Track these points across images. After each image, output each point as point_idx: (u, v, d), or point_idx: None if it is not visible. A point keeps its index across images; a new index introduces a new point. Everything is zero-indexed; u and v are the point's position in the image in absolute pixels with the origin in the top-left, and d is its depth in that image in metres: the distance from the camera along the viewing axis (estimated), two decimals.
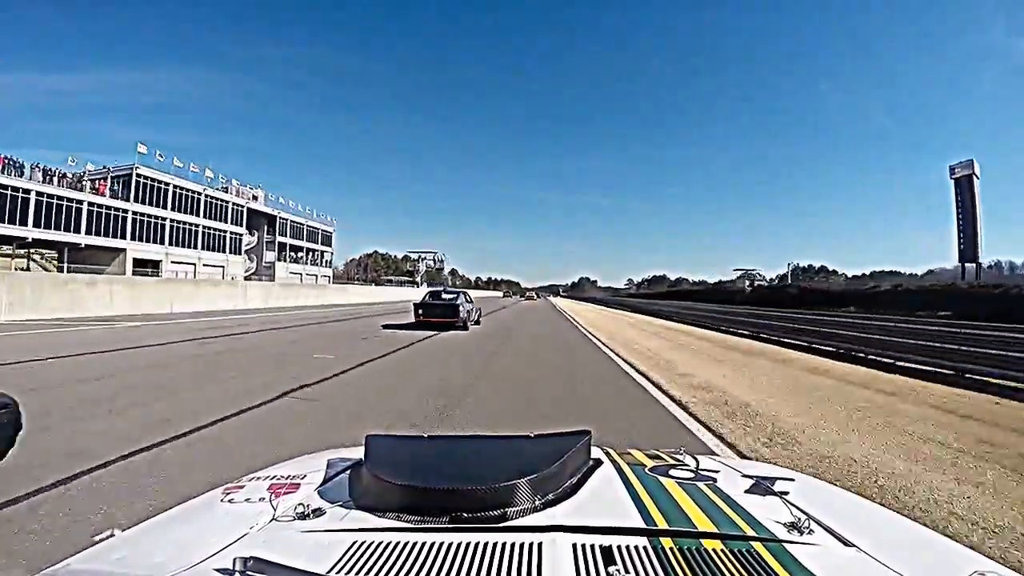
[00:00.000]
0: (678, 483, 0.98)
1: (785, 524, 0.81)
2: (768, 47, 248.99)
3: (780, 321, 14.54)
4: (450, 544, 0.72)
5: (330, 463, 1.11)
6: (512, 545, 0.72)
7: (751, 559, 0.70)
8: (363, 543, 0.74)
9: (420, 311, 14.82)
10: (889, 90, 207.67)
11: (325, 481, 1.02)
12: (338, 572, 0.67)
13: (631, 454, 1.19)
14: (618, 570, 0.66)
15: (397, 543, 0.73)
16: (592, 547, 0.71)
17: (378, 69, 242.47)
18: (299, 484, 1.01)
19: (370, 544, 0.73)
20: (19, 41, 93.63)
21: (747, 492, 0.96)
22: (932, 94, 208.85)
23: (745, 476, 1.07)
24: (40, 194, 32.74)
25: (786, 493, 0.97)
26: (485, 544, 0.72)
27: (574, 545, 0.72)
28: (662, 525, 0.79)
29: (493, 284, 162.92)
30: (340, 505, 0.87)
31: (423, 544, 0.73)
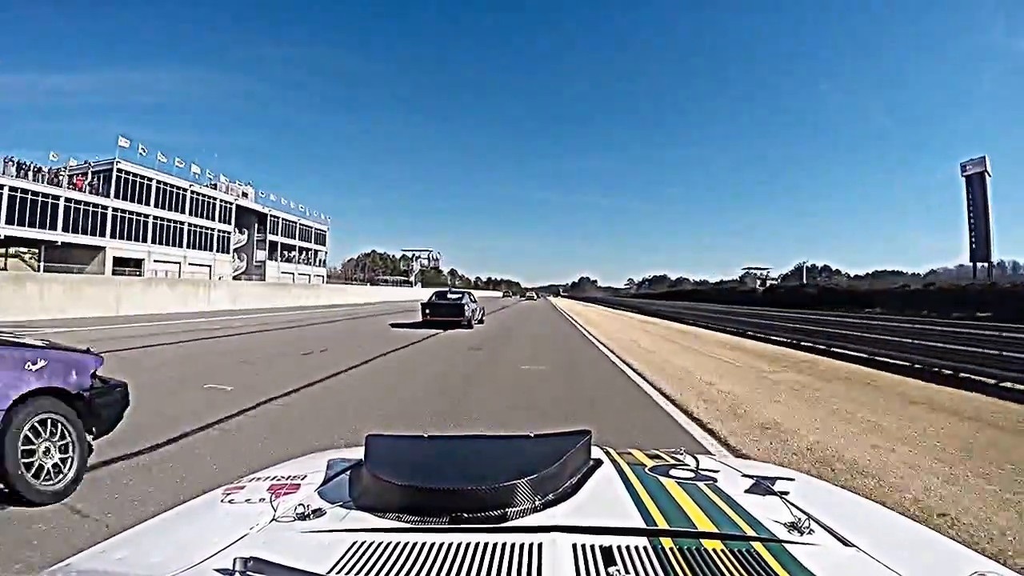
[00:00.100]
0: (678, 483, 0.98)
1: (785, 524, 0.82)
2: (768, 47, 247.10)
3: (819, 325, 12.38)
4: (450, 544, 0.73)
5: (330, 463, 1.12)
6: (512, 545, 0.73)
7: (751, 559, 0.71)
8: (363, 543, 0.75)
9: (427, 310, 15.38)
10: (889, 90, 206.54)
11: (325, 481, 1.03)
12: (338, 572, 0.68)
13: (631, 454, 1.19)
14: (618, 570, 0.67)
15: (397, 543, 0.74)
16: (592, 547, 0.72)
17: (378, 69, 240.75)
18: (299, 484, 1.01)
19: (370, 544, 0.74)
20: (19, 41, 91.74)
21: (747, 492, 0.97)
22: (932, 94, 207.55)
23: (745, 476, 1.08)
24: (13, 189, 30.78)
25: (786, 493, 0.98)
26: (485, 544, 0.73)
27: (574, 545, 0.72)
28: (662, 525, 0.80)
29: (493, 284, 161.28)
30: (340, 505, 0.88)
31: (423, 544, 0.74)
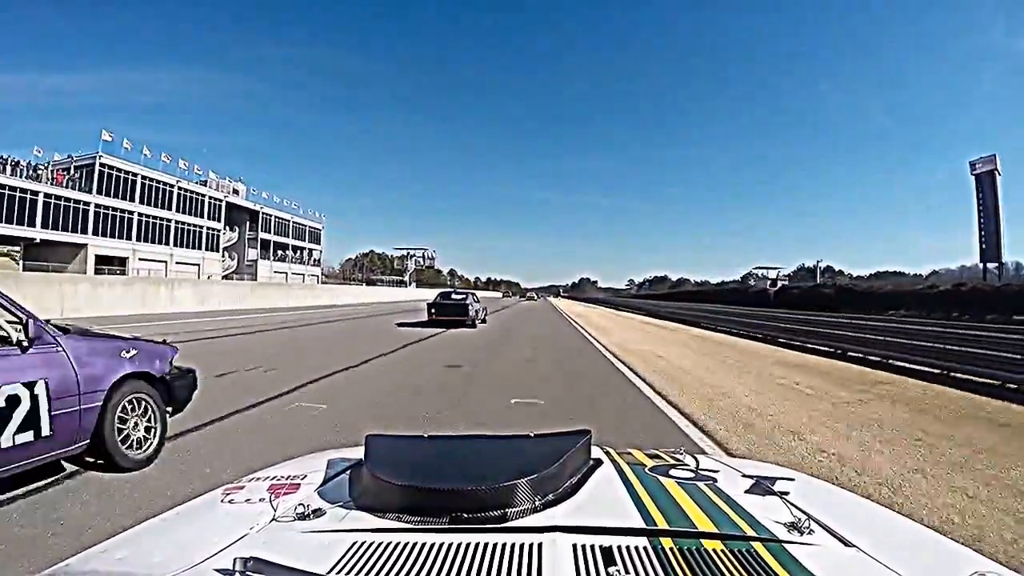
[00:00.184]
0: (678, 483, 0.99)
1: (785, 524, 0.82)
2: (768, 47, 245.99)
3: (866, 331, 10.85)
4: (450, 544, 0.74)
5: (330, 463, 1.12)
6: (512, 545, 0.73)
7: (751, 559, 0.71)
8: (363, 543, 0.75)
9: (433, 310, 16.03)
10: (889, 90, 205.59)
11: (325, 481, 1.03)
12: (338, 572, 0.68)
13: (631, 454, 1.20)
14: (618, 570, 0.67)
15: (397, 543, 0.74)
16: (592, 547, 0.72)
17: (378, 69, 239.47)
18: (299, 484, 1.01)
19: (370, 544, 0.75)
20: (19, 41, 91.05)
21: (747, 492, 0.97)
22: (932, 94, 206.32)
23: (745, 476, 1.08)
24: None
25: (786, 493, 0.98)
26: (485, 544, 0.73)
27: (574, 545, 0.73)
28: (662, 525, 0.80)
29: (492, 284, 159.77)
30: (340, 505, 0.88)
31: (423, 544, 0.74)
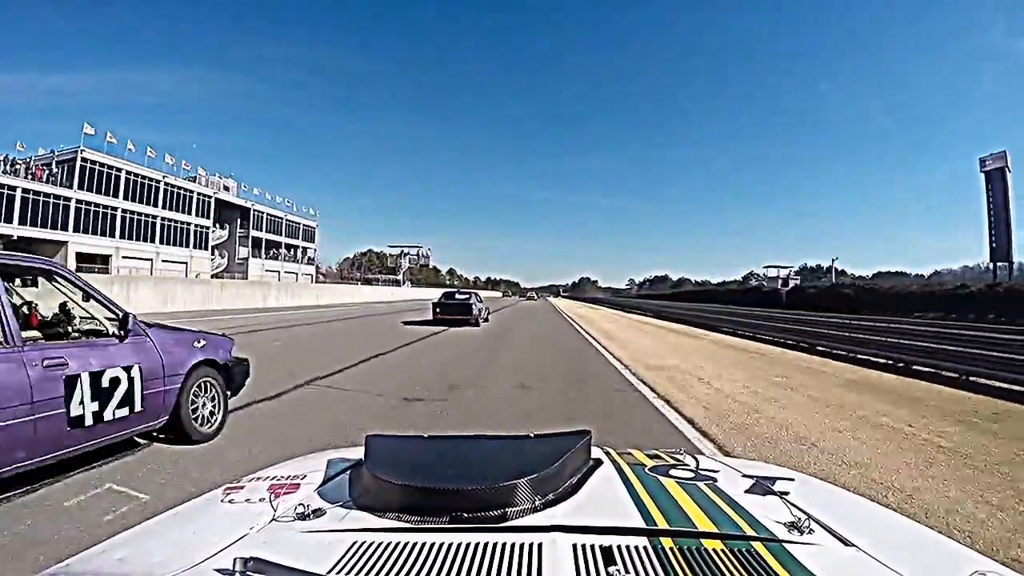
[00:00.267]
0: (678, 483, 0.99)
1: (785, 524, 0.83)
2: (768, 47, 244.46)
3: (939, 341, 8.71)
4: (450, 544, 0.74)
5: (330, 463, 1.12)
6: (512, 545, 0.73)
7: (751, 559, 0.71)
8: (363, 543, 0.75)
9: (438, 309, 16.77)
10: (889, 90, 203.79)
11: (325, 481, 1.02)
12: (338, 572, 0.68)
13: (631, 454, 1.20)
14: (618, 570, 0.67)
15: (397, 543, 0.74)
16: (592, 547, 0.73)
17: (378, 69, 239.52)
18: (299, 484, 1.01)
19: (370, 544, 0.75)
20: (19, 41, 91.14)
21: (747, 492, 0.97)
22: (933, 94, 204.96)
23: (745, 476, 1.08)
24: None
25: (786, 493, 0.99)
26: (485, 544, 0.74)
27: (574, 545, 0.73)
28: (662, 525, 0.80)
29: (492, 284, 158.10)
30: (340, 505, 0.88)
31: (423, 544, 0.74)
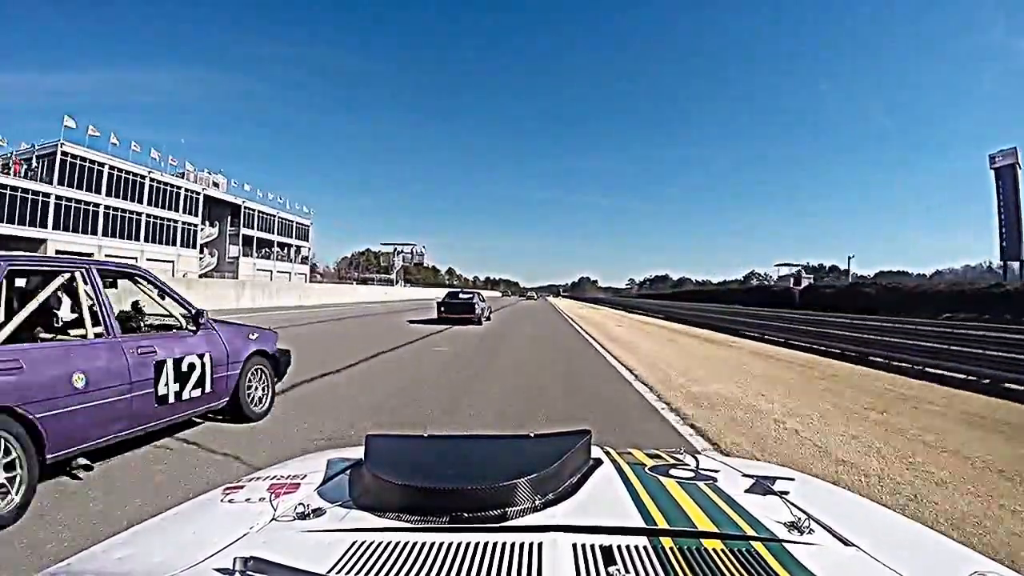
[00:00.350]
0: (678, 483, 0.98)
1: (785, 524, 0.82)
2: (768, 47, 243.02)
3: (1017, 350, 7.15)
4: (450, 544, 0.74)
5: (330, 463, 1.12)
6: (512, 545, 0.73)
7: (751, 559, 0.71)
8: (363, 543, 0.75)
9: (442, 308, 17.65)
10: (889, 90, 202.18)
11: (325, 481, 1.03)
12: (338, 572, 0.69)
13: (631, 454, 1.20)
14: (618, 570, 0.67)
15: (397, 543, 0.75)
16: (592, 547, 0.73)
17: (378, 69, 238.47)
18: (299, 484, 1.02)
19: (370, 544, 0.75)
20: (19, 41, 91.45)
21: (747, 492, 0.97)
22: (933, 94, 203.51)
23: (745, 476, 1.08)
24: None
25: (786, 493, 0.98)
26: (485, 544, 0.74)
27: (574, 545, 0.73)
28: (662, 525, 0.80)
29: (491, 284, 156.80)
30: (340, 505, 0.88)
31: (423, 544, 0.74)
